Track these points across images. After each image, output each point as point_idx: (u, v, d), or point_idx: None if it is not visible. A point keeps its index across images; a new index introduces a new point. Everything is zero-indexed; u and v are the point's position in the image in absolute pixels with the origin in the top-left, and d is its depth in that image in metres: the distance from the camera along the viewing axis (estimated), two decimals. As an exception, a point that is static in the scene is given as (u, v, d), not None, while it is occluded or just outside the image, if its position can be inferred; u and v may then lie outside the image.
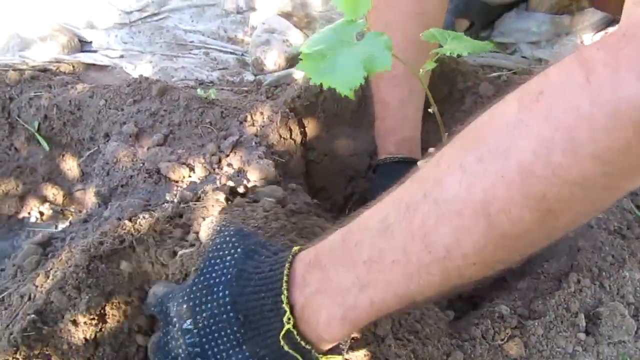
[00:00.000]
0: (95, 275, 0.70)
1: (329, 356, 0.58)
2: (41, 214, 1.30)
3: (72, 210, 1.29)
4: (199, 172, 0.99)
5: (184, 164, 1.01)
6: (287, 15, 1.53)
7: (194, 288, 0.59)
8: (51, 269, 0.73)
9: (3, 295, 0.76)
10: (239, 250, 0.61)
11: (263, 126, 1.11)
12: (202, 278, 0.60)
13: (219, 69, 1.46)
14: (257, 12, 1.53)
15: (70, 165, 1.23)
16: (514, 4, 1.43)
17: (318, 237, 0.64)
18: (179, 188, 0.96)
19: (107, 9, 1.58)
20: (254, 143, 1.06)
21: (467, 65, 1.26)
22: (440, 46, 0.72)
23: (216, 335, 0.57)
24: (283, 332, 0.54)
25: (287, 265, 0.56)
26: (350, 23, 0.63)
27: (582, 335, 0.78)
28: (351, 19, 0.63)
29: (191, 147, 1.06)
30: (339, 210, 1.23)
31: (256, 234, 0.69)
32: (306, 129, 1.22)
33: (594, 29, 1.40)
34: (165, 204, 0.85)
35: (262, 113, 1.14)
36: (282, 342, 0.55)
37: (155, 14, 1.58)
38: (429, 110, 0.78)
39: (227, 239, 0.62)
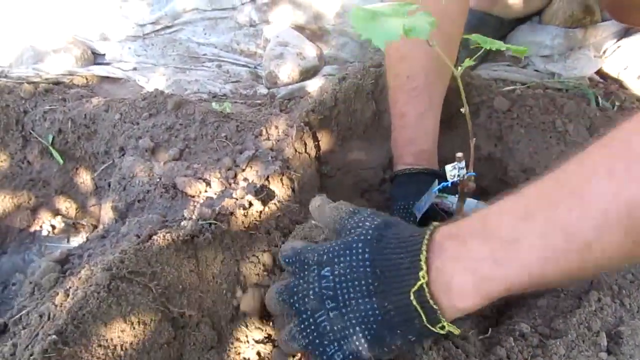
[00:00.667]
0: (116, 294, 0.69)
1: (449, 324, 0.61)
2: (53, 227, 1.29)
3: (85, 223, 1.29)
4: (215, 187, 0.99)
5: (200, 178, 1.00)
6: (300, 28, 1.53)
7: (334, 244, 0.68)
8: (71, 287, 0.73)
9: (21, 314, 0.75)
10: (377, 220, 0.68)
11: (278, 140, 1.11)
12: (343, 239, 0.68)
13: (232, 82, 1.46)
14: (270, 25, 1.54)
15: (83, 179, 1.23)
16: (527, 18, 1.43)
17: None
18: (196, 203, 0.96)
19: (120, 21, 1.58)
20: (269, 157, 1.05)
21: (480, 79, 1.26)
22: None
23: (350, 283, 0.63)
24: (416, 287, 0.59)
25: (427, 232, 0.63)
26: (406, 4, 0.69)
27: (604, 355, 0.77)
28: (404, 3, 0.69)
29: (207, 161, 1.05)
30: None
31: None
32: (320, 142, 1.22)
33: (607, 42, 1.40)
34: (184, 221, 0.85)
35: (277, 127, 1.14)
36: (412, 297, 0.60)
37: (168, 27, 1.59)
38: (461, 110, 0.78)
39: (365, 213, 0.71)
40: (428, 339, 0.68)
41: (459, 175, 0.86)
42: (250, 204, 0.92)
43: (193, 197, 0.98)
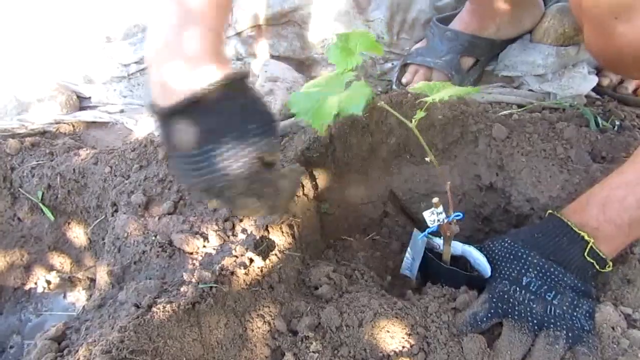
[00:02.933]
0: (117, 379, 0.66)
1: (610, 264, 0.88)
2: (48, 283, 1.25)
3: (81, 277, 1.25)
4: (214, 241, 0.96)
5: (197, 233, 0.97)
6: (287, 60, 1.50)
7: (500, 267, 0.89)
8: (70, 372, 0.69)
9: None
10: (506, 238, 0.92)
11: (275, 185, 1.08)
12: (501, 259, 0.90)
13: (222, 119, 1.43)
14: (257, 58, 1.51)
15: (76, 234, 1.19)
16: (518, 37, 1.41)
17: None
18: (194, 261, 0.93)
19: (104, 62, 1.55)
20: (267, 205, 1.02)
21: (476, 105, 1.24)
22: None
23: (548, 275, 0.86)
24: (587, 250, 0.86)
25: (563, 218, 0.90)
26: (341, 74, 0.74)
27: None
28: (341, 71, 0.75)
29: (203, 212, 1.02)
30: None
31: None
32: (317, 180, 1.19)
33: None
34: (184, 285, 0.82)
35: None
36: (587, 258, 0.86)
37: (153, 65, 1.55)
38: (426, 159, 0.82)
39: (493, 244, 0.94)
40: (598, 280, 0.92)
41: (438, 220, 0.86)
42: (251, 261, 0.89)
43: (191, 254, 0.95)
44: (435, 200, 0.86)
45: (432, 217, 0.87)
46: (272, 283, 0.91)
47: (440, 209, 0.86)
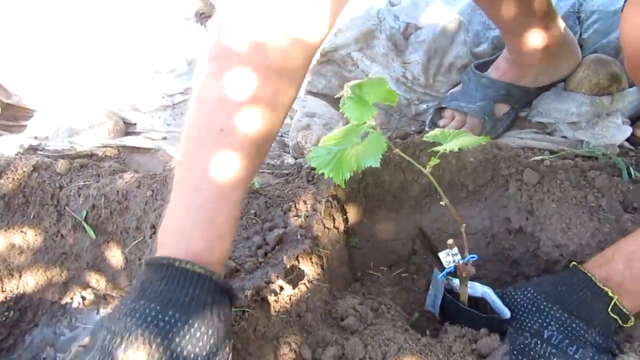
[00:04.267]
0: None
1: (631, 318, 0.88)
2: (83, 299, 1.31)
3: (115, 295, 1.29)
4: (246, 267, 0.99)
5: (230, 258, 1.01)
6: (325, 97, 1.56)
7: (523, 319, 0.89)
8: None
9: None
10: (529, 289, 0.93)
11: (307, 216, 1.11)
12: (523, 311, 0.90)
13: (259, 151, 1.48)
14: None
15: (114, 253, 1.24)
16: (552, 84, 1.43)
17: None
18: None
19: (151, 92, 1.63)
20: (299, 235, 1.06)
21: (508, 149, 1.26)
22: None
23: (569, 330, 0.85)
24: (611, 306, 0.86)
25: (587, 273, 0.89)
26: (357, 127, 0.76)
27: None
28: (357, 124, 0.77)
29: (237, 239, 1.06)
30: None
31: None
32: (348, 215, 1.22)
33: (636, 109, 1.39)
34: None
35: (305, 202, 1.14)
36: (611, 313, 0.86)
37: (196, 96, 1.63)
38: (441, 202, 0.85)
39: (516, 294, 0.94)
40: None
41: (453, 261, 0.88)
42: (282, 289, 0.92)
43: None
44: (450, 241, 0.88)
45: (448, 258, 0.89)
46: (299, 312, 0.94)
47: (455, 250, 0.88)
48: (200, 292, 0.68)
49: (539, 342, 0.84)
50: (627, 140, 1.34)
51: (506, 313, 0.91)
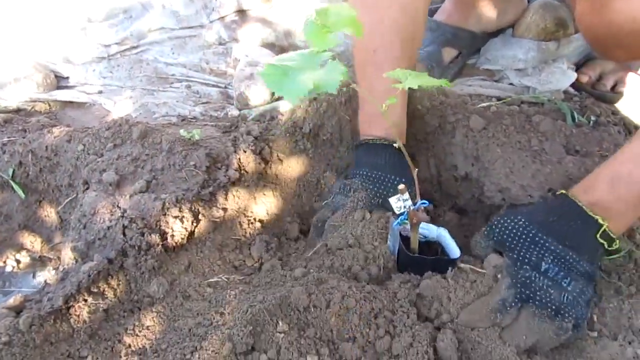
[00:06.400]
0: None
1: (617, 241, 0.90)
2: (18, 262, 1.23)
3: (52, 257, 1.23)
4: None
5: (169, 209, 0.96)
6: (270, 46, 1.49)
7: (518, 249, 0.89)
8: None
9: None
10: (521, 217, 0.92)
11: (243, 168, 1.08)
12: (517, 242, 0.90)
13: (202, 103, 1.42)
14: (239, 43, 1.50)
15: (48, 212, 1.17)
16: (500, 31, 1.41)
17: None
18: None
19: (84, 42, 1.53)
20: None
21: (455, 96, 1.24)
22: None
23: (563, 262, 0.87)
24: (600, 232, 0.88)
25: (575, 200, 0.91)
26: (317, 53, 0.71)
27: None
28: (317, 51, 0.72)
29: (175, 190, 1.01)
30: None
31: None
32: (298, 164, 1.19)
33: (581, 55, 1.39)
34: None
35: (244, 151, 1.10)
36: (599, 239, 0.88)
37: (134, 47, 1.54)
38: (394, 145, 0.84)
39: (509, 223, 0.93)
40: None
41: (404, 207, 0.86)
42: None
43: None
44: (401, 186, 0.85)
45: (399, 203, 0.87)
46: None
47: (406, 195, 0.86)
48: (389, 155, 1.04)
49: (537, 274, 0.86)
50: (572, 85, 1.34)
51: (455, 253, 0.91)
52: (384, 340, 0.81)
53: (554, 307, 0.84)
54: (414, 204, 0.87)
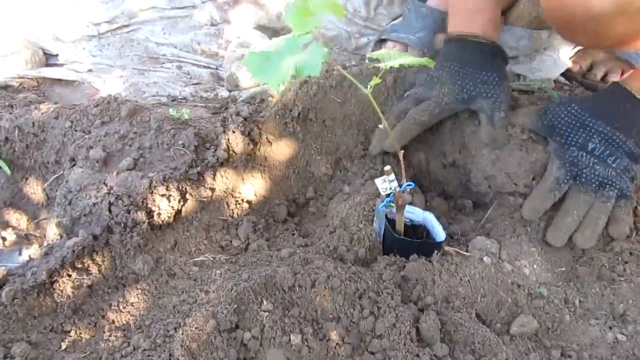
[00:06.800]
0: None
1: None
2: (3, 239, 1.22)
3: (38, 234, 1.22)
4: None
5: (155, 187, 0.96)
6: (262, 28, 1.48)
7: (568, 132, 0.98)
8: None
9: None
10: (574, 104, 0.99)
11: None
12: (568, 126, 0.98)
13: (193, 84, 1.41)
14: (231, 24, 1.49)
15: (34, 189, 1.16)
16: (493, 18, 1.41)
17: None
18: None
19: (74, 20, 1.51)
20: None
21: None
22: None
23: (610, 142, 0.95)
24: None
25: (624, 86, 0.97)
26: (299, 37, 0.72)
27: None
28: (299, 34, 0.72)
29: (163, 170, 1.01)
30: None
31: None
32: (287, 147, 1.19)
33: (573, 44, 1.39)
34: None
35: (233, 132, 1.10)
36: None
37: (125, 26, 1.52)
38: (379, 126, 0.86)
39: (561, 109, 1.01)
40: None
41: (390, 188, 0.86)
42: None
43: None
44: (387, 167, 0.85)
45: (384, 184, 0.87)
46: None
47: (392, 176, 0.86)
48: (482, 53, 1.07)
49: (584, 154, 0.95)
50: (563, 74, 1.34)
51: (440, 236, 0.91)
52: (367, 320, 0.81)
53: (597, 181, 0.93)
54: (400, 185, 0.87)
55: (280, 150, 1.17)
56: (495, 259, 0.92)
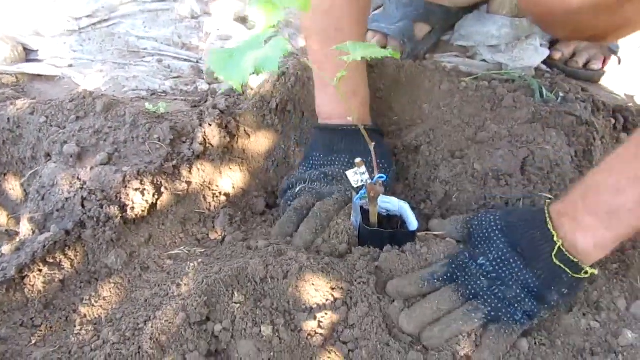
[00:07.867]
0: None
1: (590, 268, 0.79)
2: (-17, 235, 1.23)
3: (18, 230, 1.22)
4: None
5: (129, 182, 0.96)
6: (243, 20, 1.47)
7: (475, 241, 0.87)
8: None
9: None
10: (497, 215, 0.88)
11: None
12: (477, 235, 0.87)
13: (173, 78, 1.40)
14: (212, 17, 1.48)
15: (12, 185, 1.16)
16: (474, 7, 1.40)
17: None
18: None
19: (55, 15, 1.50)
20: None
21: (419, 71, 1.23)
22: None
23: (504, 264, 0.82)
24: (555, 251, 0.79)
25: (545, 210, 0.83)
26: (262, 31, 0.71)
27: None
28: (263, 28, 0.71)
29: (138, 164, 1.00)
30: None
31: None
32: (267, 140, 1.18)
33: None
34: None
35: (210, 125, 1.09)
36: (554, 260, 0.79)
37: (105, 20, 1.51)
38: (348, 118, 0.84)
39: (483, 216, 0.90)
40: (578, 288, 0.84)
41: (361, 181, 0.86)
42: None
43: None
44: (357, 160, 0.85)
45: (356, 177, 0.87)
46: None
47: (363, 169, 0.86)
48: (350, 138, 1.04)
49: (473, 264, 0.83)
50: (545, 62, 1.34)
51: (413, 226, 0.91)
52: (340, 310, 0.81)
53: (473, 290, 0.81)
54: (372, 177, 0.87)
55: (258, 142, 1.17)
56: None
